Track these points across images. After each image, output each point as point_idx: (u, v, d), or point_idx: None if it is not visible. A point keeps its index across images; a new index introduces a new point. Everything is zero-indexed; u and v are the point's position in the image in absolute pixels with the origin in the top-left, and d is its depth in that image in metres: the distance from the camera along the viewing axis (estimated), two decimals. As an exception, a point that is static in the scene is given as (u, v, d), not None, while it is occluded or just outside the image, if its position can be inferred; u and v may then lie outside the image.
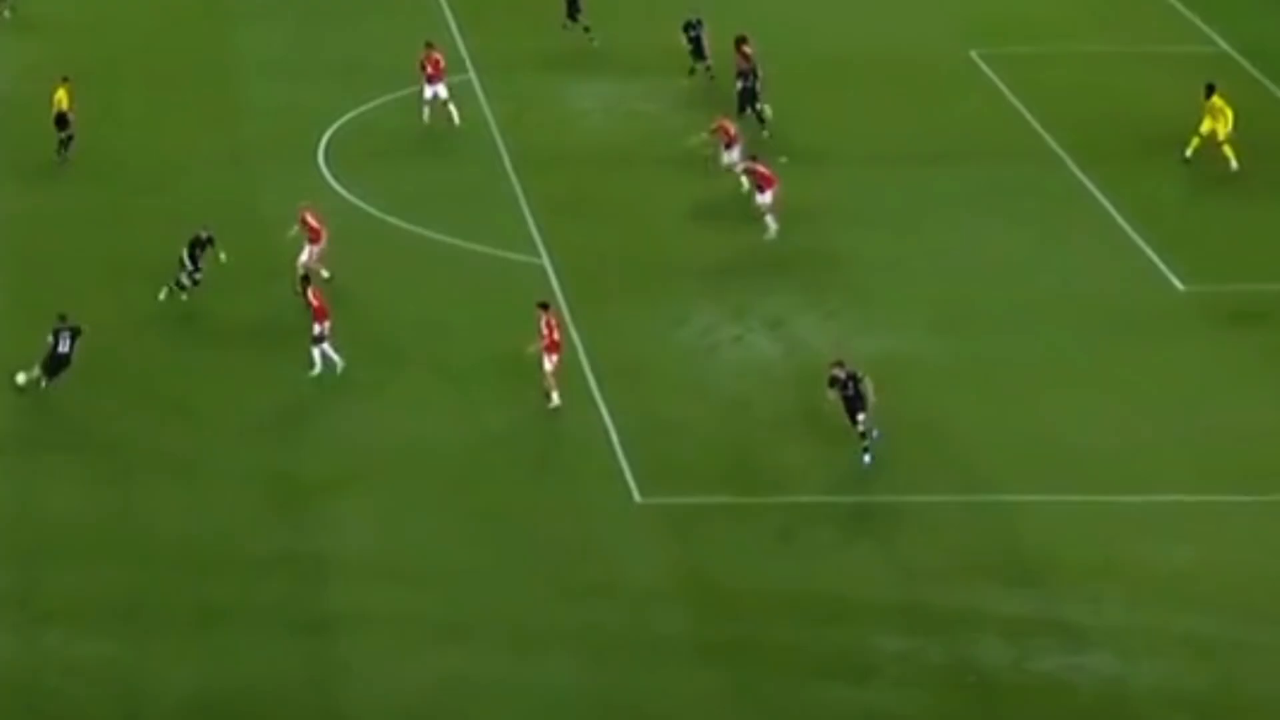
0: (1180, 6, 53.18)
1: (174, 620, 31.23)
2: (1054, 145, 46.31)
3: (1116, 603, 31.80)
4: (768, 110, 45.80)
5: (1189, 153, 44.88)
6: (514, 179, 44.48)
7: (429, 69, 46.01)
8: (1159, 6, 53.43)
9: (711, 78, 47.93)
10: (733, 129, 43.52)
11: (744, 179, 42.53)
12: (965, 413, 36.55)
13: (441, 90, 45.94)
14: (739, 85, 45.92)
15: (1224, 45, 50.84)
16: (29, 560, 32.49)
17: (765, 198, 41.77)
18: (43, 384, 36.38)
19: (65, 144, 44.54)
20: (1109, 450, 35.51)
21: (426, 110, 46.11)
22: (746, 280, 40.65)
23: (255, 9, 52.06)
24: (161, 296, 38.70)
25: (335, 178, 44.42)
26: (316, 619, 31.25)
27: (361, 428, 35.92)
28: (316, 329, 37.13)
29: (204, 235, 39.32)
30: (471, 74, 49.51)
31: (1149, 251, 41.96)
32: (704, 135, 43.93)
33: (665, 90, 47.79)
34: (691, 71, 48.33)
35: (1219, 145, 44.84)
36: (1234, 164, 45.09)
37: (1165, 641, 31.09)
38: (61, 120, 44.52)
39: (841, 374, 34.86)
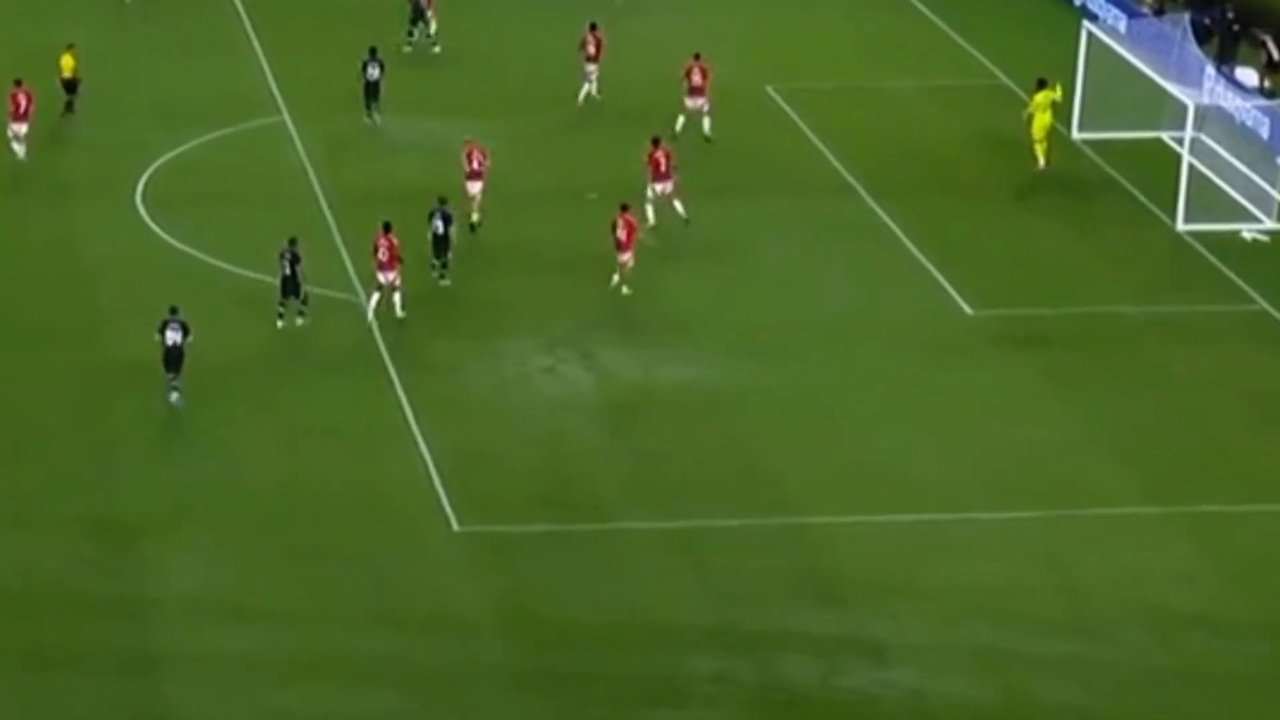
0: (964, 43, 53.94)
1: (1, 664, 30.46)
2: (848, 176, 46.72)
3: (917, 618, 32.07)
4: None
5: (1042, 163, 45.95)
6: (330, 219, 44.08)
7: (589, 48, 48.43)
8: (944, 43, 54.14)
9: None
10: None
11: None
12: (771, 437, 36.72)
13: (593, 72, 48.42)
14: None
15: (1004, 79, 51.63)
16: None
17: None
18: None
19: (70, 105, 47.37)
20: (908, 471, 35.85)
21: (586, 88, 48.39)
22: (557, 313, 40.59)
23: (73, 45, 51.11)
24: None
25: (153, 219, 43.75)
26: (143, 660, 30.66)
27: (183, 468, 35.37)
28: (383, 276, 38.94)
29: None
30: (285, 114, 49.04)
31: (939, 277, 42.46)
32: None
33: (485, 130, 47.57)
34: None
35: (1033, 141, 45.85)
36: (1041, 163, 45.89)
37: (962, 655, 31.39)
38: (69, 84, 47.32)
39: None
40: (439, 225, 40.95)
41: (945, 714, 30.22)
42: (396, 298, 39.48)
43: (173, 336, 36.63)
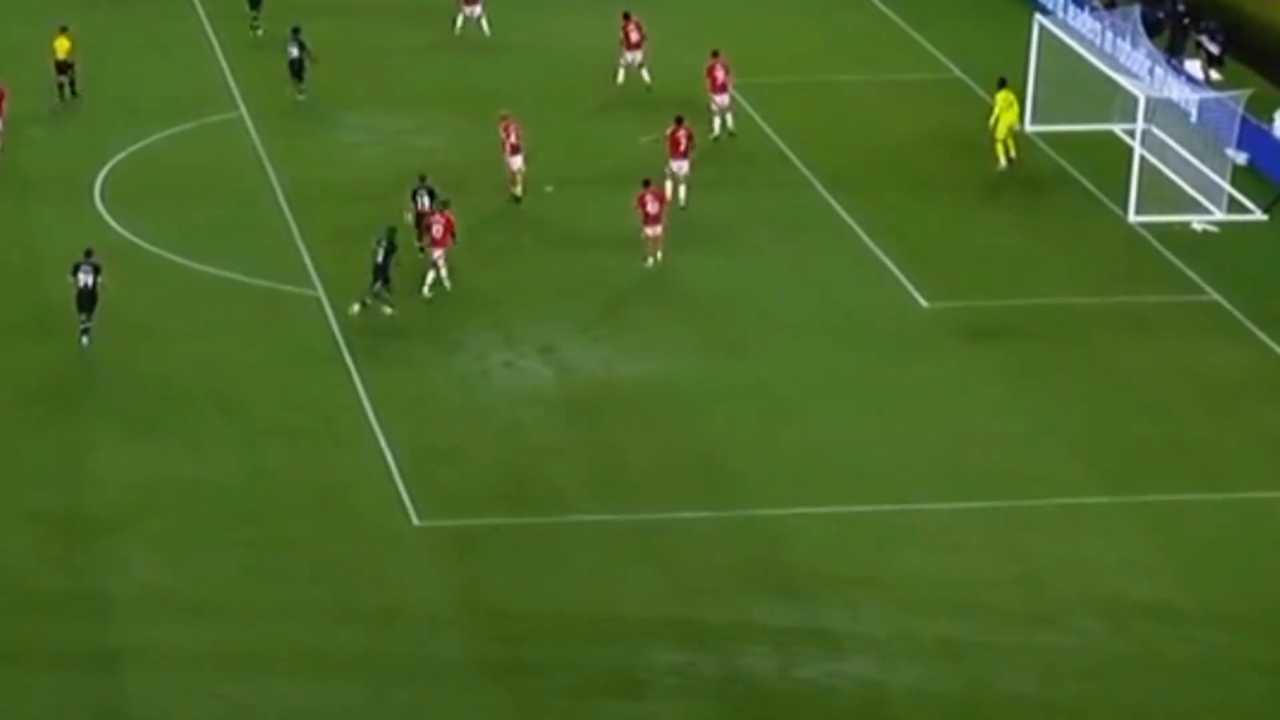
0: (918, 37, 53.90)
1: (-39, 661, 30.26)
2: (804, 171, 46.62)
3: (875, 610, 31.95)
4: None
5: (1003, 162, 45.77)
6: (287, 213, 43.79)
7: (632, 36, 49.10)
8: (898, 37, 54.10)
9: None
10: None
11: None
12: (731, 430, 36.57)
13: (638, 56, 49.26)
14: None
15: (957, 72, 51.61)
16: None
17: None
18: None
19: (68, 87, 47.30)
20: (866, 463, 35.74)
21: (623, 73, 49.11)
22: (516, 307, 40.41)
23: (27, 46, 50.71)
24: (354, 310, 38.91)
25: (111, 215, 43.40)
26: (104, 655, 30.38)
27: (143, 464, 35.04)
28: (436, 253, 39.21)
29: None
30: (243, 109, 48.74)
31: (895, 270, 42.37)
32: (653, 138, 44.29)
33: (437, 124, 47.33)
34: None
35: (994, 140, 45.71)
36: (1002, 162, 45.84)
37: (920, 645, 31.28)
38: (62, 66, 47.23)
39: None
40: (424, 201, 40.78)
41: (903, 705, 30.13)
42: (444, 271, 39.73)
43: (85, 278, 37.30)
